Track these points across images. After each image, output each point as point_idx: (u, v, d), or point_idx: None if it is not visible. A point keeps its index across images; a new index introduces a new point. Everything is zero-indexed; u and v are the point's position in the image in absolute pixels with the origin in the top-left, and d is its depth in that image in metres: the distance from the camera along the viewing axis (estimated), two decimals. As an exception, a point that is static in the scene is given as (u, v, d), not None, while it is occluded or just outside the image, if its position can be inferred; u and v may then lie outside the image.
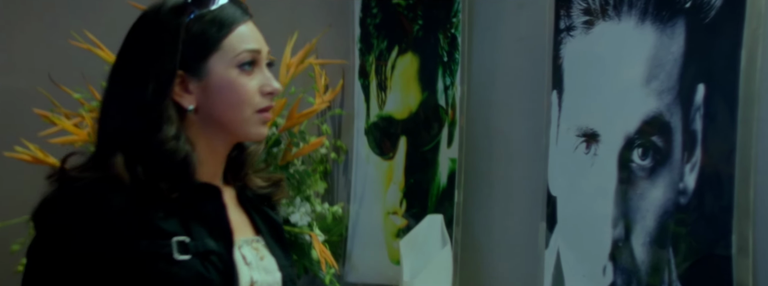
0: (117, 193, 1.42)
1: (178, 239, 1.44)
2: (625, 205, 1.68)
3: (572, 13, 1.84)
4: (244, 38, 1.48)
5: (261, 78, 1.49)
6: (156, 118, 1.45)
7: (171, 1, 1.49)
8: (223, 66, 1.47)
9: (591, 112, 1.78)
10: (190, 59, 1.47)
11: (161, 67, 1.45)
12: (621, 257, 1.70)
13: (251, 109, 1.48)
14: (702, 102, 1.53)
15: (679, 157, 1.57)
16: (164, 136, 1.45)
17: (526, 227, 2.01)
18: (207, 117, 1.49)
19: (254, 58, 1.49)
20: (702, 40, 1.53)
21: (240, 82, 1.47)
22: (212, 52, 1.47)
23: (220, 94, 1.47)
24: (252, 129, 1.50)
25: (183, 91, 1.47)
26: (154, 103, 1.45)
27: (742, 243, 1.46)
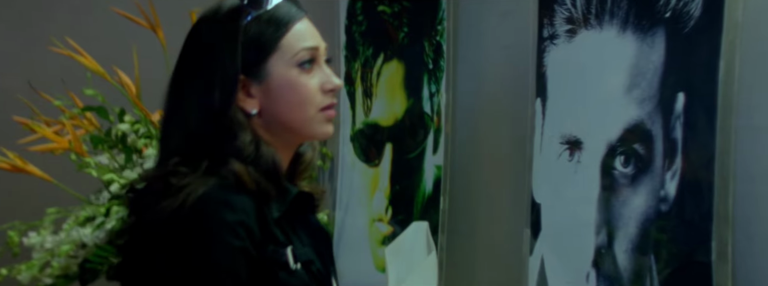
0: (244, 196, 1.41)
1: (291, 249, 1.45)
2: (608, 212, 1.72)
3: (555, 22, 1.88)
4: (301, 36, 1.47)
5: (321, 75, 1.48)
6: (228, 126, 1.44)
7: (227, 4, 1.47)
8: (282, 66, 1.46)
9: (574, 119, 1.82)
10: (249, 62, 1.45)
11: (225, 73, 1.44)
12: (604, 264, 1.73)
13: (314, 108, 1.47)
14: (682, 110, 1.57)
15: (660, 164, 1.61)
16: (243, 142, 1.44)
17: (510, 233, 2.05)
18: (270, 120, 1.47)
19: (313, 56, 1.48)
20: (681, 49, 1.57)
21: (301, 82, 1.46)
22: (271, 54, 1.46)
23: (281, 96, 1.46)
24: (317, 128, 1.48)
25: (245, 95, 1.46)
26: (223, 110, 1.43)
27: (722, 250, 1.50)
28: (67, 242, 2.59)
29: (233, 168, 1.42)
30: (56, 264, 2.56)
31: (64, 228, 2.62)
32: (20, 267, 2.59)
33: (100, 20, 3.06)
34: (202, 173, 1.42)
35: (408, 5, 2.40)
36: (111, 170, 2.64)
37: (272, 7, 1.47)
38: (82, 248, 2.60)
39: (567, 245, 1.84)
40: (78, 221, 2.63)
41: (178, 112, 1.47)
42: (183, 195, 1.40)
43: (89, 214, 2.61)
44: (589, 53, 1.78)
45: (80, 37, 2.74)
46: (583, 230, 1.77)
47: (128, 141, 2.72)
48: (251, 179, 1.42)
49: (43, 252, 2.62)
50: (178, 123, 1.47)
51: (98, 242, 2.57)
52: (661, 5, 1.61)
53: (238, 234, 1.39)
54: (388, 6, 2.46)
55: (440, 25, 2.26)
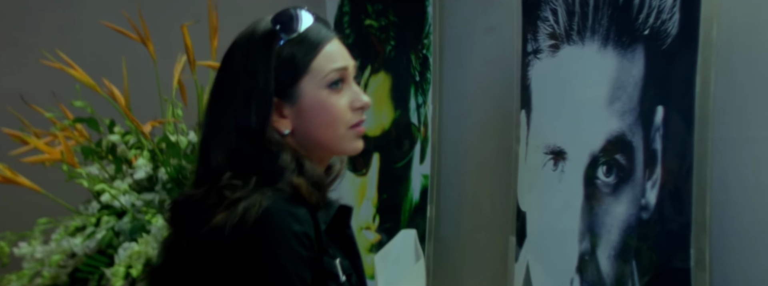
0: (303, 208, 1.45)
1: (340, 261, 1.49)
2: (591, 220, 1.80)
3: (539, 37, 1.96)
4: (331, 57, 1.51)
5: (350, 94, 1.52)
6: (266, 147, 1.48)
7: (260, 28, 1.52)
8: (313, 88, 1.50)
9: (558, 131, 1.90)
10: (282, 85, 1.50)
11: (260, 96, 1.49)
12: (587, 270, 1.81)
13: (345, 126, 1.52)
14: (661, 123, 1.64)
15: (641, 174, 1.69)
16: (284, 161, 1.48)
17: (496, 241, 2.13)
18: (303, 138, 1.52)
19: (342, 76, 1.52)
20: (660, 65, 1.65)
21: (331, 102, 1.50)
22: (303, 76, 1.50)
23: (313, 116, 1.51)
24: (348, 145, 1.53)
25: (279, 116, 1.51)
26: (259, 131, 1.49)
27: (700, 257, 1.58)
28: (58, 251, 2.64)
29: (292, 181, 1.46)
30: (47, 274, 2.61)
31: (54, 238, 2.67)
32: (10, 277, 2.64)
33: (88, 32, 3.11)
34: (253, 186, 1.45)
35: (394, 20, 2.47)
36: (101, 180, 2.70)
37: (303, 30, 1.51)
38: (71, 258, 2.65)
39: (551, 252, 1.91)
40: (68, 231, 2.68)
41: (219, 132, 1.51)
42: (242, 208, 1.43)
43: (79, 224, 2.67)
44: (571, 67, 1.86)
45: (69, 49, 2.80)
46: (567, 237, 1.84)
47: (118, 152, 2.78)
48: (309, 192, 1.46)
49: (33, 262, 2.67)
50: (219, 143, 1.51)
51: (88, 251, 2.63)
52: (640, 23, 1.69)
53: (304, 244, 1.43)
54: (375, 20, 2.53)
55: (427, 39, 2.34)
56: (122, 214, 2.68)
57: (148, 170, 2.71)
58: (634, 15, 1.70)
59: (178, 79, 2.81)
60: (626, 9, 1.72)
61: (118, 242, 2.64)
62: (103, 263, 2.59)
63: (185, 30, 2.69)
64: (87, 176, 2.67)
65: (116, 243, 2.64)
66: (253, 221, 1.43)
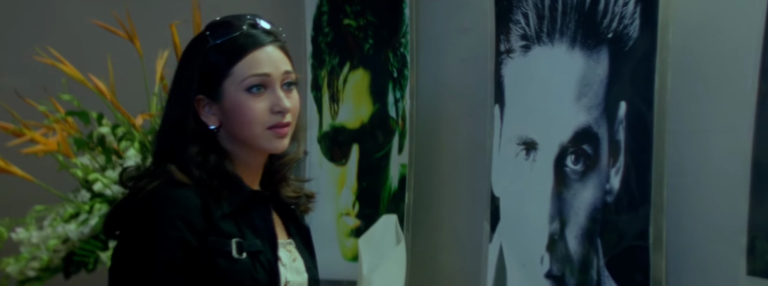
0: (186, 190, 1.60)
1: (236, 240, 1.61)
2: (560, 204, 1.97)
3: (511, 38, 2.13)
4: (254, 64, 1.64)
5: (271, 98, 1.63)
6: (183, 136, 1.64)
7: (203, 31, 1.67)
8: (233, 90, 1.63)
9: (530, 123, 2.07)
10: (208, 85, 1.65)
11: (181, 92, 1.66)
12: (556, 249, 1.98)
13: (261, 126, 1.63)
14: (624, 116, 1.82)
15: (605, 162, 1.86)
16: (190, 153, 1.63)
17: (471, 224, 2.29)
18: (229, 134, 1.67)
19: (262, 82, 1.64)
20: (622, 64, 1.82)
21: (248, 105, 1.63)
22: (224, 78, 1.64)
23: (232, 115, 1.64)
24: (266, 143, 1.65)
25: (207, 112, 1.66)
26: (180, 122, 1.65)
27: (657, 235, 1.76)
28: (53, 237, 2.76)
29: (169, 169, 1.61)
30: (46, 257, 2.73)
31: (50, 224, 2.79)
32: (8, 260, 2.75)
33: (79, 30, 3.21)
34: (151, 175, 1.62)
35: (372, 20, 2.62)
36: (93, 170, 2.82)
37: (232, 37, 1.64)
38: (63, 244, 2.77)
39: (523, 233, 2.09)
40: (64, 217, 2.80)
41: (161, 121, 1.70)
42: (134, 193, 1.62)
43: (73, 211, 2.79)
44: (542, 66, 2.03)
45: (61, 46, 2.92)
46: (538, 219, 2.02)
47: (107, 143, 2.90)
48: (191, 178, 1.60)
49: (30, 247, 2.78)
50: (158, 131, 1.71)
51: (82, 237, 2.75)
52: (604, 27, 1.87)
53: (177, 226, 1.58)
54: (354, 20, 2.68)
55: (404, 38, 2.49)
56: (113, 202, 2.82)
57: (137, 160, 2.83)
58: (599, 20, 1.88)
59: (161, 74, 2.94)
60: (591, 14, 1.90)
61: None
62: (98, 247, 2.73)
63: (174, 28, 2.83)
64: (81, 166, 2.79)
65: None
66: (136, 205, 1.61)
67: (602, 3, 1.86)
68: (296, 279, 1.69)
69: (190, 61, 1.67)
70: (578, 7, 1.93)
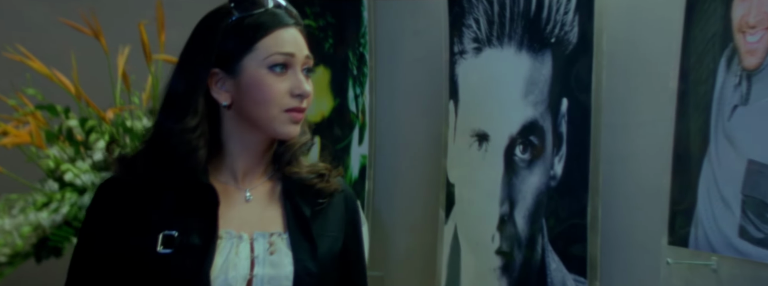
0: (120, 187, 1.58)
1: (164, 234, 1.56)
2: (510, 188, 2.26)
3: (464, 40, 2.45)
4: (279, 42, 1.58)
5: (293, 80, 1.59)
6: (183, 108, 1.57)
7: (223, 5, 1.62)
8: (254, 66, 1.57)
9: (482, 117, 2.36)
10: (227, 58, 1.58)
11: (197, 62, 1.58)
12: (506, 228, 2.27)
13: (278, 108, 1.58)
14: (566, 112, 2.10)
15: (550, 152, 2.14)
16: (184, 126, 1.56)
17: (428, 209, 2.59)
18: (239, 113, 1.60)
19: (286, 62, 1.59)
20: (564, 66, 2.11)
21: (268, 82, 1.57)
22: (246, 53, 1.57)
23: (250, 92, 1.57)
24: (279, 127, 1.59)
25: (220, 87, 1.59)
26: (185, 94, 1.58)
27: (594, 214, 2.03)
28: (26, 224, 3.01)
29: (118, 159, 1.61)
30: (20, 243, 2.98)
31: (22, 212, 3.04)
32: (-17, 246, 2.99)
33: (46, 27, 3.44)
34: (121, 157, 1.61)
35: (332, 21, 2.92)
36: (63, 161, 3.08)
37: (259, 12, 1.59)
38: (34, 231, 3.02)
39: (476, 215, 2.39)
40: (36, 206, 3.05)
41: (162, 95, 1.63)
42: None
43: (45, 200, 3.04)
44: (493, 66, 2.34)
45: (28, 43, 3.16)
46: (490, 202, 2.31)
47: (74, 135, 3.15)
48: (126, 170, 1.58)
49: (3, 234, 3.03)
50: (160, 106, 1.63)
51: (54, 224, 3.00)
52: (547, 33, 2.18)
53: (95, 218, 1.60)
54: (314, 21, 2.98)
55: (363, 38, 2.80)
56: (83, 191, 3.07)
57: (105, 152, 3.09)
58: (543, 26, 2.19)
59: (123, 69, 3.19)
60: (536, 21, 2.20)
61: (82, 214, 3.02)
62: (70, 233, 2.93)
63: (142, 27, 3.08)
64: (53, 157, 3.04)
65: (81, 216, 3.02)
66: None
67: (545, 12, 2.17)
68: (268, 272, 1.61)
69: (209, 32, 1.60)
70: (524, 15, 2.23)
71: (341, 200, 1.72)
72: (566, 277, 2.08)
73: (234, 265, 1.60)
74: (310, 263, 1.63)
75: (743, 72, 1.70)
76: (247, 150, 1.64)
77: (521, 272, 2.25)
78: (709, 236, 1.77)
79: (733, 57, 1.72)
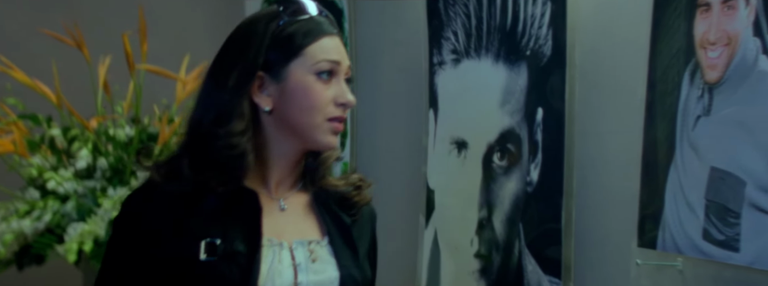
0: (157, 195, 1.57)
1: (207, 241, 1.55)
2: (488, 194, 2.39)
3: (443, 52, 2.60)
4: (326, 49, 1.60)
5: (337, 89, 1.61)
6: (229, 112, 1.57)
7: (266, 9, 1.64)
8: (301, 71, 1.58)
9: (461, 126, 2.49)
10: (273, 62, 1.58)
11: (243, 65, 1.57)
12: (484, 232, 2.40)
13: (322, 116, 1.58)
14: (541, 120, 2.23)
15: (526, 159, 2.27)
16: (231, 129, 1.56)
17: (409, 214, 2.70)
18: (281, 120, 1.59)
19: (333, 69, 1.60)
20: (539, 77, 2.25)
21: (315, 89, 1.58)
22: (294, 58, 1.58)
23: (295, 98, 1.58)
24: (321, 136, 1.59)
25: (262, 92, 1.59)
26: (231, 98, 1.57)
27: (568, 219, 2.16)
28: (8, 232, 3.13)
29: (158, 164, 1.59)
30: (2, 250, 3.08)
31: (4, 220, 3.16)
32: (-34, 253, 3.10)
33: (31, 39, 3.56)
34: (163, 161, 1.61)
35: None
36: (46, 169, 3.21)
37: (306, 18, 1.60)
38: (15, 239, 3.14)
39: (455, 220, 2.52)
40: (19, 214, 3.18)
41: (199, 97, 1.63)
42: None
43: (28, 208, 3.16)
44: (471, 77, 2.47)
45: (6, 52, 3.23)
46: (469, 207, 2.45)
47: (56, 144, 3.28)
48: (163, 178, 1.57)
49: (-13, 241, 3.14)
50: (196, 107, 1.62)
51: (37, 232, 3.13)
52: (523, 46, 2.32)
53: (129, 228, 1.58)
54: (296, 31, 3.13)
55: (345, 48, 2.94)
56: (66, 198, 3.19)
57: (88, 160, 3.22)
58: (519, 39, 2.33)
59: (104, 79, 3.33)
60: (512, 35, 2.34)
61: (65, 222, 3.14)
62: (53, 240, 3.04)
63: (126, 38, 3.21)
64: (36, 165, 3.17)
65: (64, 223, 3.14)
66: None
67: (521, 26, 2.31)
68: (312, 279, 1.64)
69: (255, 34, 1.59)
70: (501, 28, 2.38)
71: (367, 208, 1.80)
72: (542, 278, 2.22)
73: (279, 272, 1.61)
74: (353, 269, 1.68)
75: (705, 85, 1.86)
76: (282, 159, 1.64)
77: (499, 275, 2.38)
78: (676, 238, 1.93)
79: (696, 71, 1.89)
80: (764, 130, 1.73)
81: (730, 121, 1.80)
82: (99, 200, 3.14)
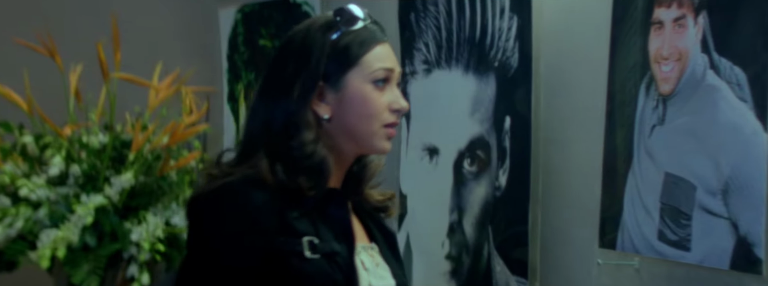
0: (260, 191, 1.63)
1: (308, 239, 1.64)
2: (458, 198, 2.63)
3: (414, 62, 2.85)
4: (380, 57, 1.71)
5: (391, 95, 1.72)
6: (297, 123, 1.67)
7: (321, 19, 1.74)
8: (359, 80, 1.69)
9: (433, 133, 2.73)
10: (330, 72, 1.69)
11: (306, 77, 1.68)
12: (455, 235, 2.64)
13: (379, 123, 1.70)
14: (509, 128, 2.47)
15: (495, 165, 2.52)
16: (304, 139, 1.66)
17: None
18: (339, 127, 1.70)
19: (387, 76, 1.71)
20: (507, 87, 2.49)
21: (372, 97, 1.69)
22: (351, 67, 1.69)
23: (353, 106, 1.69)
24: (378, 142, 1.72)
25: (321, 101, 1.69)
26: (297, 109, 1.67)
27: (534, 221, 2.40)
28: (-21, 239, 3.32)
29: (261, 165, 1.65)
30: (-25, 257, 3.29)
31: (-23, 227, 3.35)
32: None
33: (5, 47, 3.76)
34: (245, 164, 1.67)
35: None
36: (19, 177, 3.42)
37: (360, 27, 1.71)
38: (-13, 245, 3.34)
39: (427, 223, 2.75)
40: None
41: (259, 108, 1.71)
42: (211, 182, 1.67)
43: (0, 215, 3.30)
44: (442, 86, 2.71)
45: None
46: (440, 211, 2.68)
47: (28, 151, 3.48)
48: (273, 177, 1.64)
49: (-40, 248, 3.33)
50: (257, 118, 1.71)
51: (8, 238, 3.26)
52: (491, 58, 2.56)
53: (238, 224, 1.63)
54: (269, 41, 3.37)
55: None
56: (38, 205, 3.38)
57: (61, 167, 3.43)
58: (487, 51, 2.57)
59: (76, 86, 3.53)
60: (481, 47, 2.58)
61: (37, 229, 3.35)
62: (25, 247, 3.22)
63: (100, 47, 3.41)
64: (8, 173, 3.37)
65: (36, 230, 3.34)
66: (204, 197, 1.67)
67: (489, 38, 2.55)
68: (380, 284, 1.73)
69: (314, 45, 1.69)
70: (470, 41, 2.62)
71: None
72: (510, 279, 2.47)
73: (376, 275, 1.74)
74: (402, 277, 1.80)
75: (659, 97, 2.13)
76: (337, 164, 1.73)
77: (469, 276, 2.62)
78: (634, 239, 2.18)
79: (651, 84, 2.15)
80: (712, 138, 1.99)
81: (682, 130, 2.07)
82: (73, 206, 3.32)
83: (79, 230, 3.24)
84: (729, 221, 1.95)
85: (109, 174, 3.36)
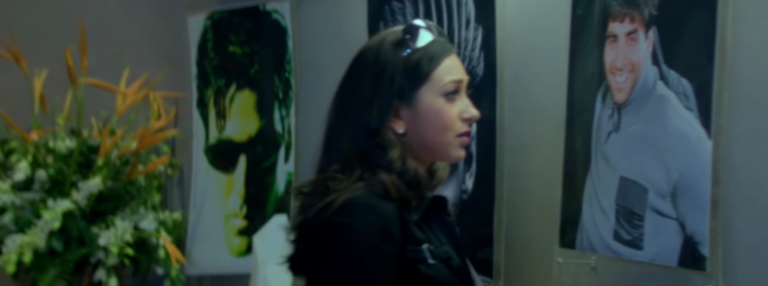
0: (387, 203, 1.78)
1: (428, 246, 1.80)
2: None
3: (383, 70, 3.10)
4: (449, 70, 1.85)
5: (461, 105, 1.85)
6: (380, 141, 1.81)
7: (390, 37, 1.86)
8: (431, 95, 1.84)
9: None
10: (404, 89, 1.83)
11: (384, 96, 1.82)
12: None
13: (453, 133, 1.85)
14: (475, 134, 2.67)
15: (462, 169, 2.71)
16: (391, 157, 1.80)
17: None
18: (414, 140, 1.84)
19: (457, 88, 1.85)
20: (473, 95, 2.54)
21: (445, 110, 1.84)
22: (423, 83, 1.83)
23: (427, 120, 1.83)
24: (452, 152, 1.87)
25: (396, 117, 1.83)
26: (378, 127, 1.81)
27: (499, 223, 2.60)
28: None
29: (382, 178, 1.79)
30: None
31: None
32: None
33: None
34: (355, 179, 1.80)
35: (257, 48, 3.50)
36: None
37: (429, 42, 1.85)
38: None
39: None
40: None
41: (341, 126, 1.86)
42: (333, 197, 1.77)
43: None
44: None
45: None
46: None
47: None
48: (396, 188, 1.78)
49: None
50: (340, 136, 1.85)
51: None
52: None
53: (377, 236, 1.75)
54: (239, 47, 3.60)
55: (288, 65, 3.39)
56: (3, 211, 3.55)
57: (27, 172, 3.66)
58: None
59: (40, 92, 3.75)
60: None
61: (2, 234, 3.52)
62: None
63: (68, 53, 3.61)
64: (-24, 180, 3.58)
65: (1, 235, 3.51)
66: (333, 211, 1.78)
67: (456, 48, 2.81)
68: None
69: (387, 63, 1.83)
70: None
71: None
72: (475, 278, 2.76)
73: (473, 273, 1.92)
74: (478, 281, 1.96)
75: (615, 105, 2.35)
76: None
77: None
78: (591, 238, 2.40)
79: (607, 93, 2.37)
80: (662, 144, 2.21)
81: (635, 137, 2.29)
82: (40, 211, 3.55)
83: (46, 235, 3.45)
84: (677, 222, 2.17)
85: (76, 179, 3.54)
